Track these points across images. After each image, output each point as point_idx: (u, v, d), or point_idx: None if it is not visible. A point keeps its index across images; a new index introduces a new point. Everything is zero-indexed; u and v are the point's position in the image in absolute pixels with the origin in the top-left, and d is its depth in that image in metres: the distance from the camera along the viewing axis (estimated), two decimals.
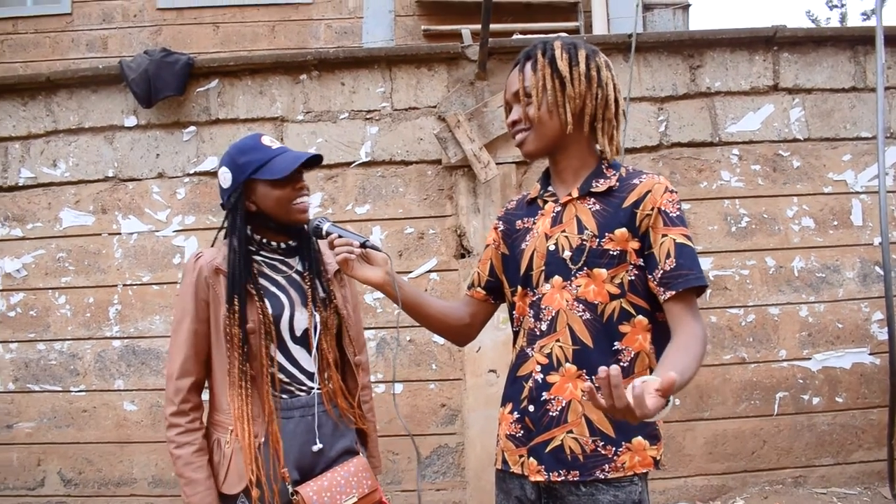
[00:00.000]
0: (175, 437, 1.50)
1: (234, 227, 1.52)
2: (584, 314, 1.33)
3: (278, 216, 1.53)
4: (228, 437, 1.49)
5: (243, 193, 1.52)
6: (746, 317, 3.27)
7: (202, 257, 1.54)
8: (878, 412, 3.24)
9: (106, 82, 3.35)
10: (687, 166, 3.31)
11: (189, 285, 1.53)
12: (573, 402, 1.33)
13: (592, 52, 1.40)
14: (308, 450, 1.53)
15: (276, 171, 1.47)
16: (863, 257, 3.30)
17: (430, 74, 3.34)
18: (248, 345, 1.47)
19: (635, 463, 1.31)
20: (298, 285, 1.59)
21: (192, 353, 1.52)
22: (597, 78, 1.37)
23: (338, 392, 1.58)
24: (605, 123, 1.39)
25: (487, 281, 1.58)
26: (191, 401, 1.52)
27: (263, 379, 1.48)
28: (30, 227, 3.35)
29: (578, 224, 1.36)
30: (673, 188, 1.36)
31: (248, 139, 1.55)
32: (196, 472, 1.47)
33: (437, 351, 3.26)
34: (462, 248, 3.27)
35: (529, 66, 1.39)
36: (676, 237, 1.30)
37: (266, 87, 3.34)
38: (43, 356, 3.30)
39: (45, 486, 3.28)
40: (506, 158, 3.27)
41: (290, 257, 1.61)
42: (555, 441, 1.33)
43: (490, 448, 3.12)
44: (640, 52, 3.31)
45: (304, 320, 1.55)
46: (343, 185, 3.31)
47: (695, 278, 1.28)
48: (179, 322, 1.53)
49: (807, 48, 3.35)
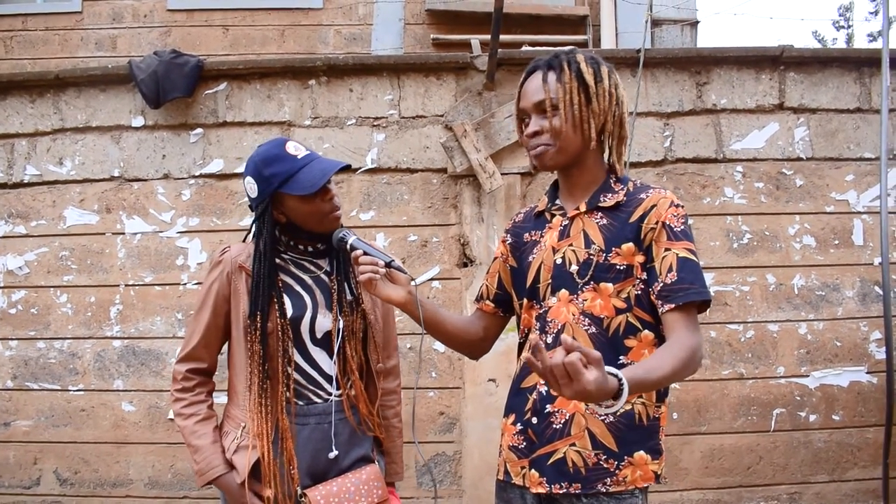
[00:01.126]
0: (181, 410, 1.52)
1: (262, 233, 1.50)
2: (590, 328, 1.34)
3: (310, 228, 1.51)
4: (239, 433, 1.49)
5: (271, 204, 1.49)
6: (746, 333, 3.28)
7: (228, 252, 1.54)
8: (874, 431, 3.25)
9: (114, 82, 3.36)
10: (691, 182, 3.34)
11: (212, 278, 1.53)
12: (577, 414, 1.34)
13: (611, 68, 1.41)
14: (323, 457, 1.51)
15: (305, 185, 1.43)
16: (863, 277, 3.32)
17: (438, 83, 3.36)
18: (267, 344, 1.47)
19: (637, 477, 1.32)
20: (325, 286, 1.56)
21: (204, 343, 1.54)
22: (615, 95, 1.38)
23: (360, 397, 1.57)
24: (618, 141, 1.41)
25: (496, 294, 1.60)
26: (195, 378, 1.54)
27: (279, 380, 1.47)
28: (34, 224, 3.35)
29: (585, 238, 1.37)
30: (679, 202, 1.36)
31: (272, 147, 1.50)
32: (200, 438, 1.48)
33: (437, 359, 3.26)
34: (465, 257, 3.28)
35: (554, 76, 1.37)
36: (679, 251, 1.30)
37: (274, 92, 3.35)
38: (42, 354, 3.29)
39: (41, 485, 3.27)
40: (511, 169, 3.28)
41: (320, 258, 1.59)
42: (557, 453, 1.34)
43: (488, 457, 3.13)
44: (648, 68, 3.34)
45: (328, 323, 1.53)
46: (348, 192, 3.32)
47: (696, 292, 1.28)
48: (198, 311, 1.54)
49: (813, 68, 3.38)
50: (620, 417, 1.33)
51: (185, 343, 1.56)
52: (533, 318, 1.43)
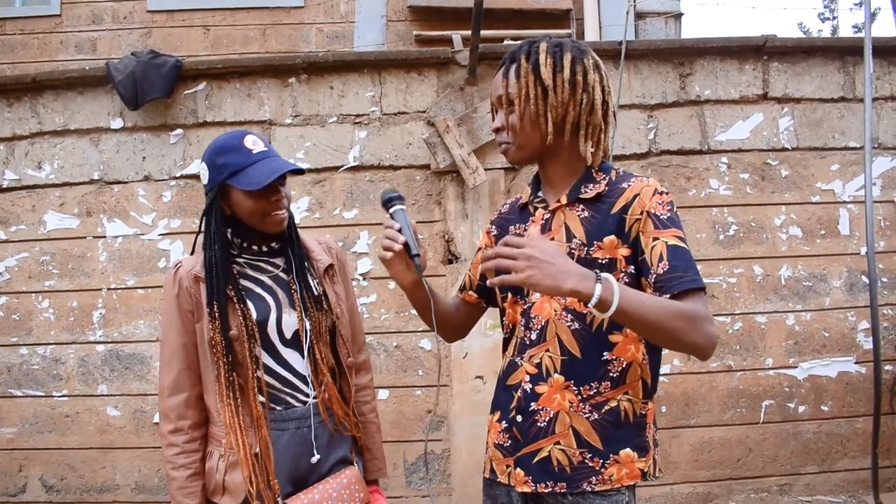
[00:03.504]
0: (172, 458, 1.45)
1: (211, 230, 1.47)
2: (573, 324, 1.32)
3: (252, 224, 1.48)
4: (223, 451, 1.45)
5: (219, 195, 1.47)
6: (733, 325, 3.27)
7: (181, 268, 1.50)
8: (863, 421, 3.24)
9: (92, 84, 3.32)
10: (676, 174, 3.32)
11: (171, 298, 1.48)
12: (561, 413, 1.31)
13: (579, 54, 1.34)
14: (305, 462, 1.48)
15: (252, 181, 1.41)
16: (849, 266, 3.31)
17: (419, 79, 3.33)
18: (233, 352, 1.42)
19: (623, 475, 1.30)
20: (285, 284, 1.52)
21: (184, 366, 1.46)
22: (582, 83, 1.32)
23: (334, 399, 1.52)
24: (589, 129, 1.35)
25: (478, 285, 1.58)
26: (188, 417, 1.46)
27: (250, 385, 1.42)
28: (13, 229, 3.31)
29: (567, 232, 1.34)
30: (664, 189, 1.32)
31: (231, 137, 1.48)
32: (188, 498, 1.43)
33: (424, 357, 3.24)
34: (450, 254, 3.26)
35: (513, 71, 1.35)
36: (668, 239, 1.27)
37: (254, 91, 3.32)
38: (25, 360, 3.26)
39: (27, 492, 3.23)
40: (494, 164, 3.26)
41: (276, 257, 1.55)
42: (542, 452, 1.32)
43: (476, 454, 3.11)
44: (631, 60, 3.32)
45: (294, 321, 1.49)
46: (331, 190, 3.29)
47: (690, 280, 1.24)
48: (166, 336, 1.48)
49: (796, 58, 3.37)
50: (605, 415, 1.30)
51: (163, 373, 1.47)
52: (518, 314, 1.41)
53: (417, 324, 3.20)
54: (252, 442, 1.42)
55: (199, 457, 1.46)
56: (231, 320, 1.43)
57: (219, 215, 1.47)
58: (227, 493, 1.44)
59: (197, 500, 1.44)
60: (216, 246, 1.45)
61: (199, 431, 1.48)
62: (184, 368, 1.46)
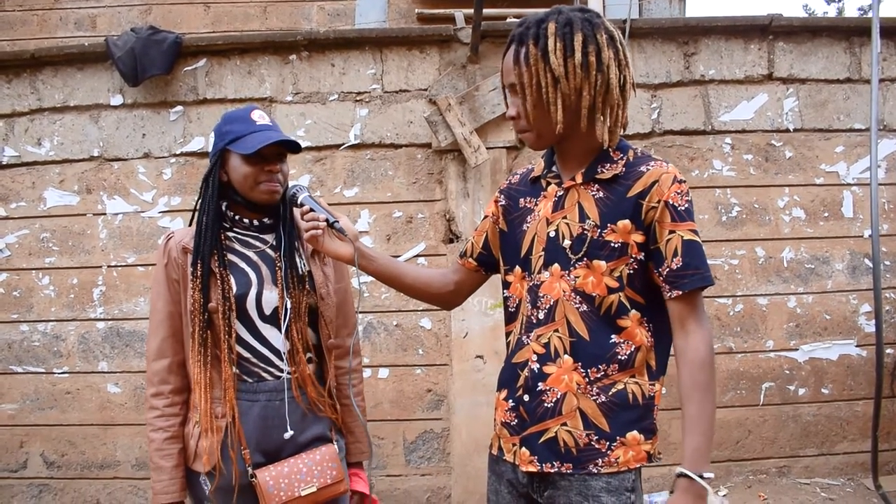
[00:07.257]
0: (152, 420, 1.50)
1: (207, 195, 1.51)
2: (581, 306, 1.30)
3: (244, 192, 1.51)
4: (199, 417, 1.48)
5: (219, 161, 1.52)
6: (735, 306, 3.26)
7: (172, 238, 1.54)
8: (863, 404, 3.24)
9: (92, 60, 3.30)
10: (679, 154, 3.29)
11: (160, 267, 1.52)
12: (568, 394, 1.30)
13: (591, 30, 1.28)
14: (278, 435, 1.50)
15: (247, 146, 1.46)
16: (852, 249, 3.30)
17: (421, 57, 3.30)
18: (211, 323, 1.46)
19: (629, 458, 1.29)
20: (271, 261, 1.55)
21: (169, 334, 1.51)
22: (595, 63, 1.26)
23: (306, 380, 1.54)
24: (606, 110, 1.30)
25: (480, 253, 1.55)
26: (170, 382, 1.50)
27: (223, 356, 1.46)
28: (13, 206, 3.30)
29: (580, 211, 1.32)
30: (682, 178, 1.29)
31: (241, 110, 1.55)
32: (164, 459, 1.47)
33: (424, 336, 3.24)
34: (451, 233, 3.24)
35: (522, 58, 1.29)
36: (684, 234, 1.26)
37: (255, 68, 3.29)
38: (26, 337, 3.26)
39: (28, 468, 3.25)
40: (496, 143, 3.23)
41: (266, 233, 1.58)
42: (549, 433, 1.31)
43: (476, 434, 3.11)
44: (635, 39, 3.28)
45: (274, 298, 1.51)
46: (332, 168, 3.27)
47: (701, 278, 1.26)
48: (154, 304, 1.53)
49: (802, 38, 3.32)
50: (613, 397, 1.30)
51: (149, 338, 1.52)
52: (524, 291, 1.39)
53: (417, 303, 3.19)
54: (224, 411, 1.45)
55: (178, 421, 1.51)
56: (212, 292, 1.46)
57: (216, 180, 1.52)
58: (197, 458, 1.48)
59: (172, 462, 1.48)
60: (209, 207, 1.50)
61: (179, 397, 1.52)
62: (168, 336, 1.51)
